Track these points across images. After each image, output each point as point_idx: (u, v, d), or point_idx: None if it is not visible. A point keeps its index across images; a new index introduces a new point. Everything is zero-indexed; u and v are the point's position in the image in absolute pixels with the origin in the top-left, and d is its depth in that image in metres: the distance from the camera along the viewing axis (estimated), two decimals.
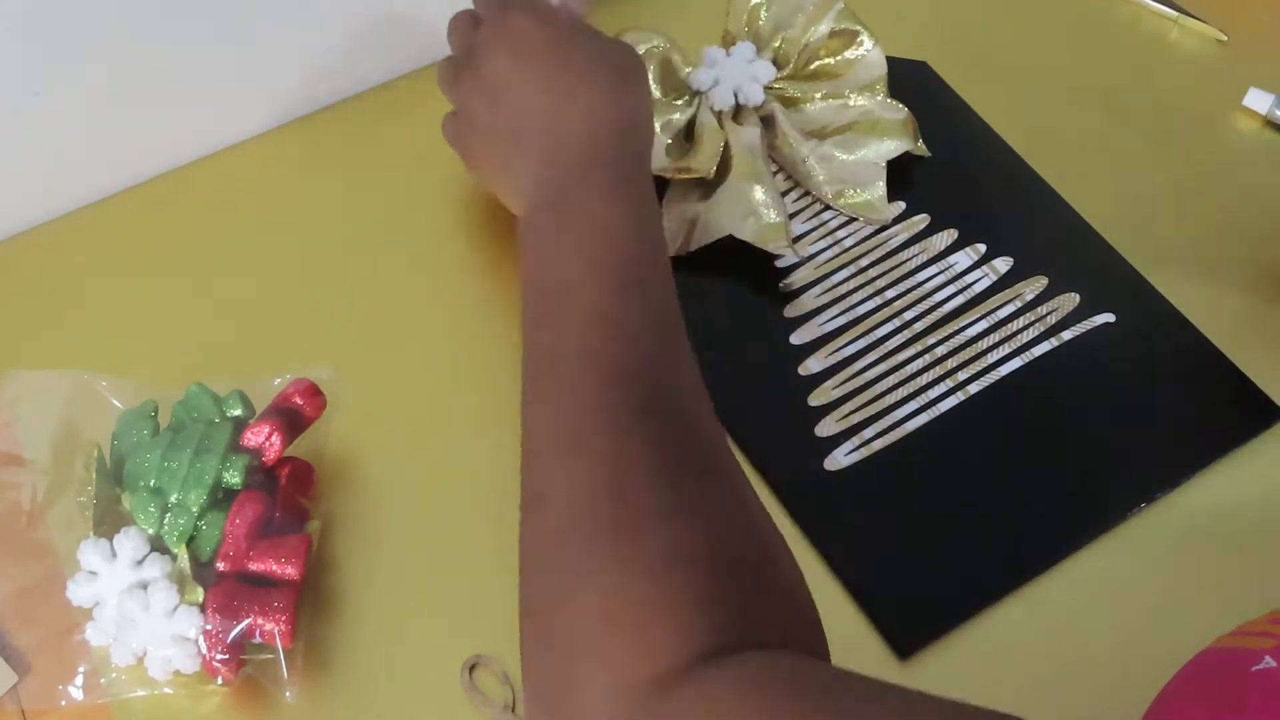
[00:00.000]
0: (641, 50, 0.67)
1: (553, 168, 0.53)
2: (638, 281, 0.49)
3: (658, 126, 0.65)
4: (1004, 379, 0.61)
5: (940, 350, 0.62)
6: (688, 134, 0.67)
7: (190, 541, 0.53)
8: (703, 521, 0.42)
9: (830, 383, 0.61)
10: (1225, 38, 0.73)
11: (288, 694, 0.52)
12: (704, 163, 0.64)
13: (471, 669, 0.54)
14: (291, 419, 0.56)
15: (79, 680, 0.53)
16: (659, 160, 0.65)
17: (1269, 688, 0.40)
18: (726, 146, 0.65)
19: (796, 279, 0.64)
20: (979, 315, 0.63)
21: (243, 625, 0.51)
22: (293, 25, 0.68)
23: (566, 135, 0.53)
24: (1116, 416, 0.60)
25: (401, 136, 0.71)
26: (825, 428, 0.60)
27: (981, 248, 0.65)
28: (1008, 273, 0.64)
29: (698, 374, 0.48)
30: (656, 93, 0.67)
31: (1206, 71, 0.73)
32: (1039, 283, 0.64)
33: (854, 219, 0.66)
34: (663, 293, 0.50)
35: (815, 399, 0.60)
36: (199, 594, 0.52)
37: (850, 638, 0.55)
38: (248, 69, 0.69)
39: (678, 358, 0.48)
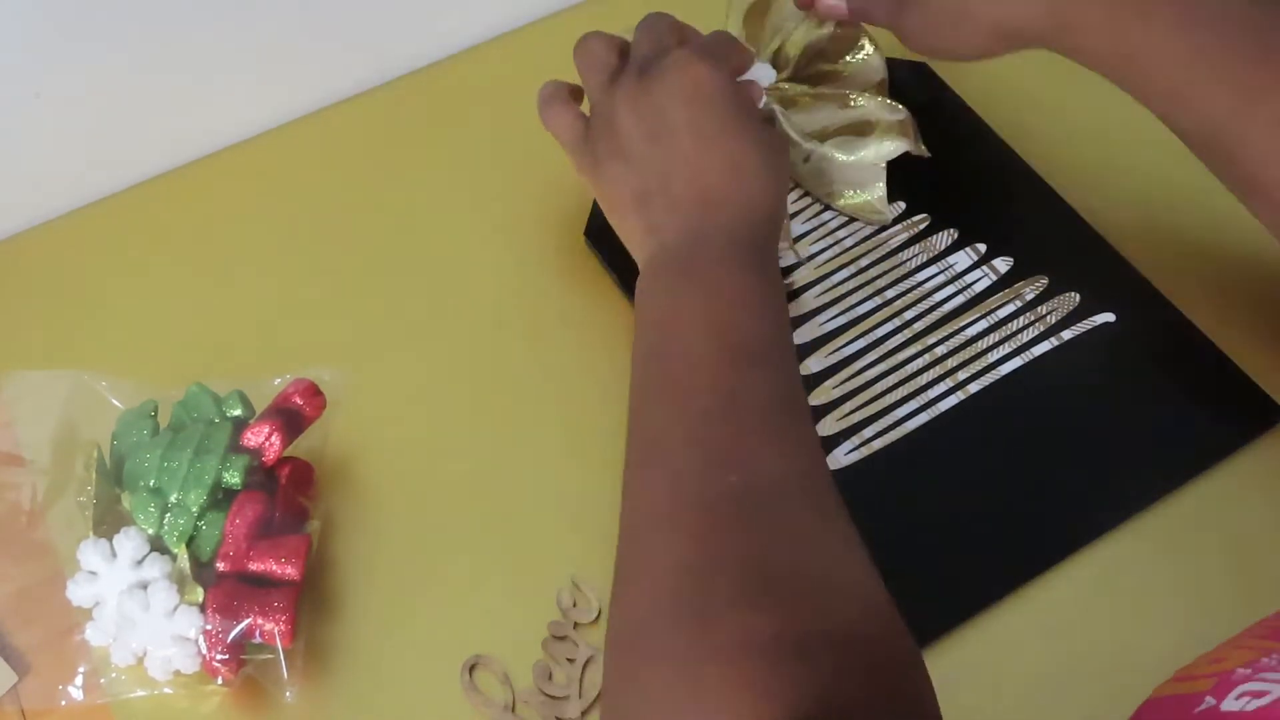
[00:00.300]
0: None
1: (698, 224, 0.52)
2: (760, 363, 0.48)
3: None
4: (1004, 378, 0.61)
5: (940, 350, 0.62)
6: None
7: (190, 541, 0.53)
8: (783, 609, 0.41)
9: (830, 382, 0.61)
10: None
11: (288, 694, 0.52)
12: None
13: (471, 669, 0.54)
14: (291, 419, 0.56)
15: (79, 680, 0.53)
16: None
17: None
18: None
19: (797, 279, 0.64)
20: (979, 315, 0.63)
21: (243, 625, 0.51)
22: (293, 25, 0.68)
23: (722, 201, 0.52)
24: (1116, 416, 0.60)
25: (402, 136, 0.71)
26: (825, 427, 0.60)
27: (981, 248, 0.65)
28: (1008, 272, 0.64)
29: (807, 454, 0.47)
30: None
31: None
32: (1039, 282, 0.64)
33: (854, 219, 0.66)
34: (785, 376, 0.49)
35: (815, 398, 0.60)
36: (199, 594, 0.52)
37: None
38: (248, 69, 0.69)
39: (792, 440, 0.47)
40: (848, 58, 0.68)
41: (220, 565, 0.52)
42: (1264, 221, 0.55)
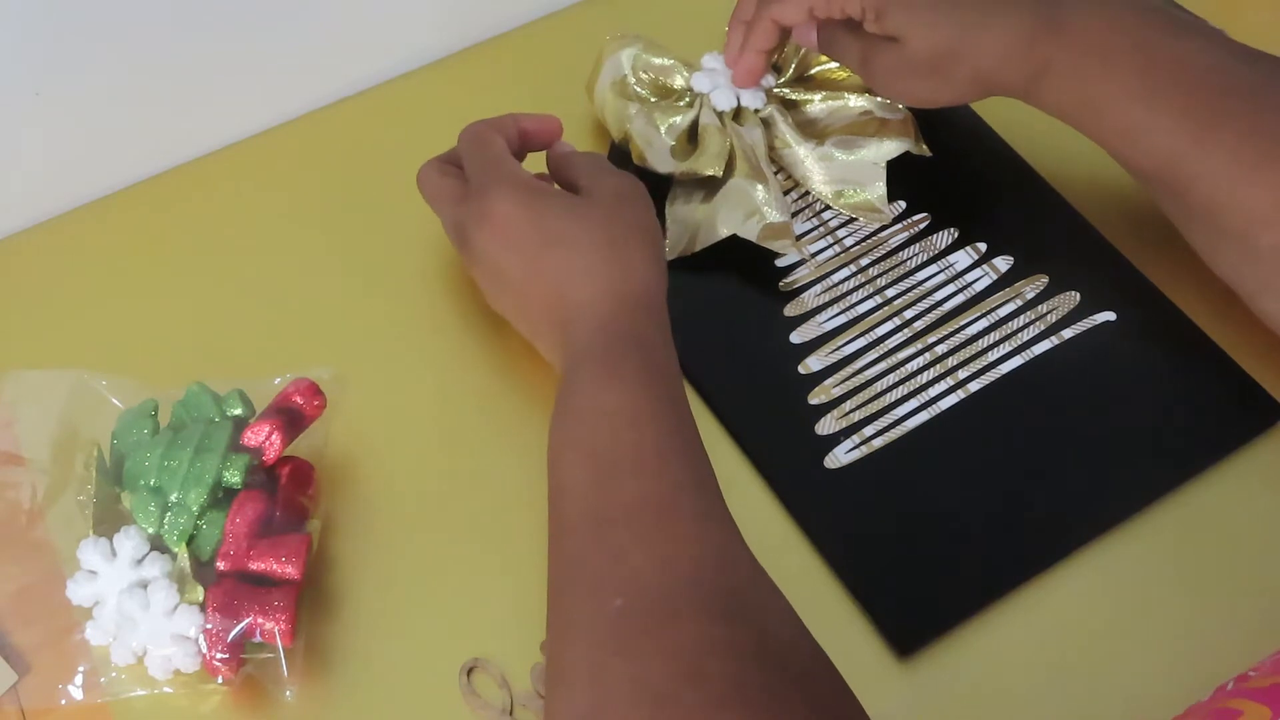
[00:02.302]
0: (628, 57, 0.67)
1: (558, 342, 0.53)
2: (630, 474, 0.48)
3: (661, 130, 0.65)
4: (1004, 377, 0.61)
5: (940, 349, 0.62)
6: (691, 135, 0.67)
7: (190, 541, 0.53)
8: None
9: (830, 381, 0.61)
10: None
11: (288, 693, 0.52)
12: (711, 162, 0.64)
13: (469, 672, 0.54)
14: (291, 418, 0.56)
15: (79, 680, 0.53)
16: (666, 163, 0.65)
17: None
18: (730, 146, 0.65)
19: (797, 278, 0.64)
20: (979, 314, 0.63)
21: (243, 624, 0.51)
22: (293, 25, 0.68)
23: (566, 318, 0.53)
24: (1117, 415, 0.60)
25: (401, 136, 0.71)
26: (825, 426, 0.60)
27: (982, 246, 0.65)
28: (1008, 271, 0.64)
29: (702, 549, 0.47)
30: (652, 98, 0.67)
31: None
32: (1039, 281, 0.64)
33: (854, 218, 0.66)
34: (659, 481, 0.48)
35: (815, 397, 0.60)
36: (199, 593, 0.52)
37: (850, 637, 0.55)
38: (247, 68, 0.69)
39: (675, 546, 0.46)
40: None
41: (220, 564, 0.52)
42: (1199, 248, 0.58)
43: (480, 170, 0.57)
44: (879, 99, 0.67)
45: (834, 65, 0.68)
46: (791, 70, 0.68)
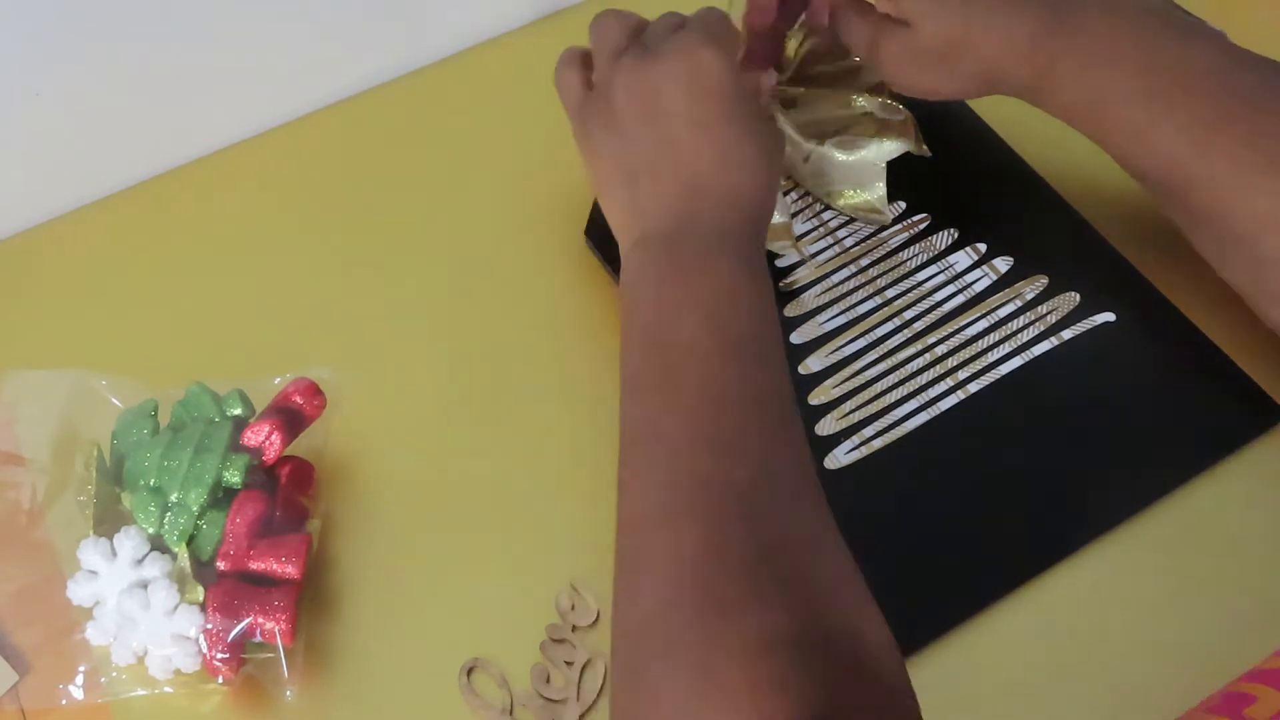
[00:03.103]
0: None
1: (686, 211, 0.52)
2: (756, 357, 0.48)
3: None
4: (1004, 378, 0.61)
5: (940, 349, 0.62)
6: None
7: (190, 540, 0.53)
8: (795, 606, 0.41)
9: (830, 381, 0.61)
10: None
11: (288, 693, 0.52)
12: None
13: (469, 672, 0.54)
14: (291, 418, 0.56)
15: (79, 679, 0.53)
16: None
17: None
18: None
19: (797, 278, 0.64)
20: (979, 314, 0.63)
21: (243, 624, 0.51)
22: (293, 25, 0.68)
23: (709, 191, 0.52)
24: (1117, 416, 0.60)
25: (402, 136, 0.71)
26: (825, 426, 0.60)
27: (982, 247, 0.65)
28: (1008, 272, 0.64)
29: (804, 452, 0.47)
30: None
31: None
32: (1039, 282, 0.64)
33: (854, 219, 0.66)
34: (778, 372, 0.49)
35: (815, 397, 0.60)
36: (199, 593, 0.52)
37: None
38: (247, 68, 0.69)
39: (787, 436, 0.47)
40: (847, 61, 0.68)
41: (220, 564, 0.52)
42: (1205, 254, 0.57)
43: (703, 19, 0.55)
44: (880, 100, 0.67)
45: (834, 65, 0.68)
46: (792, 70, 0.68)
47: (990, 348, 0.62)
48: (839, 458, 0.59)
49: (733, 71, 0.53)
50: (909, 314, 0.63)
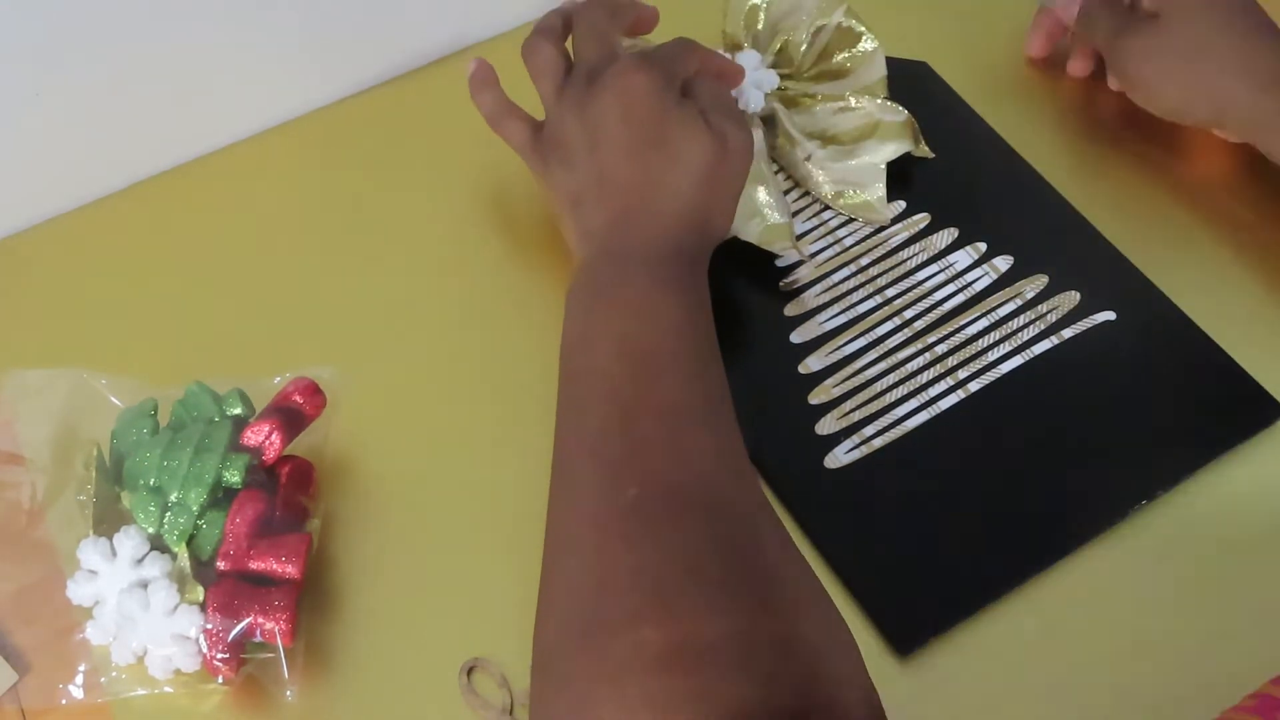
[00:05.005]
0: None
1: (612, 237, 0.53)
2: (663, 371, 0.49)
3: None
4: (1004, 377, 0.61)
5: (940, 349, 0.62)
6: None
7: (190, 540, 0.53)
8: (679, 616, 0.41)
9: (830, 381, 0.61)
10: None
11: (288, 693, 0.52)
12: None
13: (470, 672, 0.54)
14: (291, 418, 0.56)
15: (79, 679, 0.53)
16: None
17: None
18: None
19: (797, 278, 0.64)
20: (979, 314, 0.63)
21: (243, 624, 0.51)
22: (292, 25, 0.68)
23: (637, 213, 0.53)
24: (1117, 414, 0.60)
25: (401, 135, 0.71)
26: (825, 426, 0.60)
27: (982, 246, 0.65)
28: (1008, 271, 0.64)
29: (721, 458, 0.47)
30: None
31: None
32: (1039, 281, 0.64)
33: (854, 219, 0.66)
34: (693, 384, 0.49)
35: (815, 397, 0.60)
36: (199, 593, 0.52)
37: None
38: (247, 68, 0.69)
39: (696, 446, 0.47)
40: (847, 55, 0.68)
41: (220, 564, 0.52)
42: None
43: (610, 30, 0.58)
44: (880, 100, 0.67)
45: (835, 61, 0.68)
46: (792, 70, 0.68)
47: (990, 347, 0.62)
48: (839, 457, 0.59)
49: (668, 97, 0.54)
50: (909, 313, 0.63)
